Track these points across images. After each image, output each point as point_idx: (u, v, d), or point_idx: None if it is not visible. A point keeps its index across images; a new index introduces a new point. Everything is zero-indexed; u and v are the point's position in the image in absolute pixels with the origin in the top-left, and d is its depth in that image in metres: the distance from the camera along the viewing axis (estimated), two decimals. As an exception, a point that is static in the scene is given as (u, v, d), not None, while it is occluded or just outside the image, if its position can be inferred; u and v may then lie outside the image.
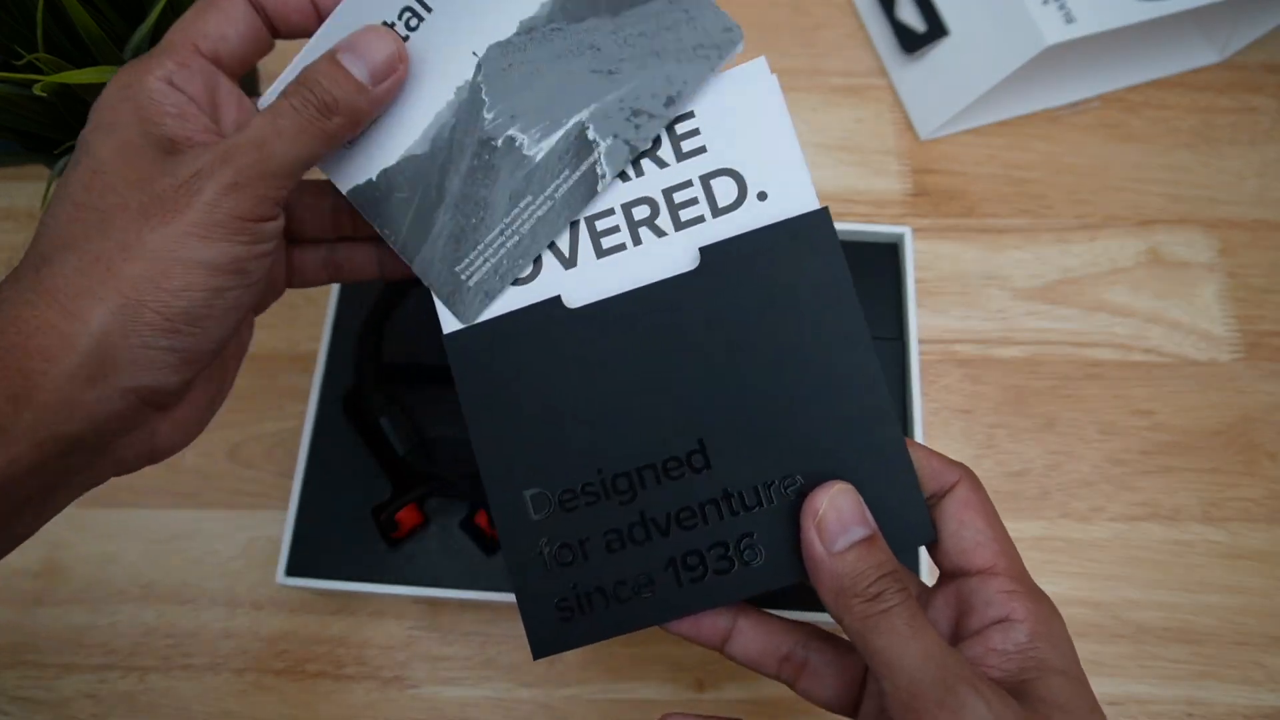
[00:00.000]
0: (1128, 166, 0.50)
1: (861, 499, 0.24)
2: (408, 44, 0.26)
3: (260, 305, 0.30)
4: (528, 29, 0.26)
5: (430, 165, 0.27)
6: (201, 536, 0.43)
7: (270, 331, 0.47)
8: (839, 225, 0.44)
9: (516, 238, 0.27)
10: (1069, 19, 0.45)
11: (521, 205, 0.27)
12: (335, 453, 0.41)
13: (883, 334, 0.43)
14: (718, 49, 0.26)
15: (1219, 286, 0.47)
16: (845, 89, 0.52)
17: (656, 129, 0.26)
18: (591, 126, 0.27)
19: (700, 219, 0.27)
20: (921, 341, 0.46)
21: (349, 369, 0.42)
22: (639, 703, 0.41)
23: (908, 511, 0.25)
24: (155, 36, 0.38)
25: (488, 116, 0.27)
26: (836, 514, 0.24)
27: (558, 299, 0.27)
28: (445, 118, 0.27)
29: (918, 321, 0.45)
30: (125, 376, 0.23)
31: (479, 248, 0.27)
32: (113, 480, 0.44)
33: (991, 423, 0.45)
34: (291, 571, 0.39)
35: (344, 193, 0.28)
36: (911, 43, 0.50)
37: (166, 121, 0.24)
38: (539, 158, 0.27)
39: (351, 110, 0.25)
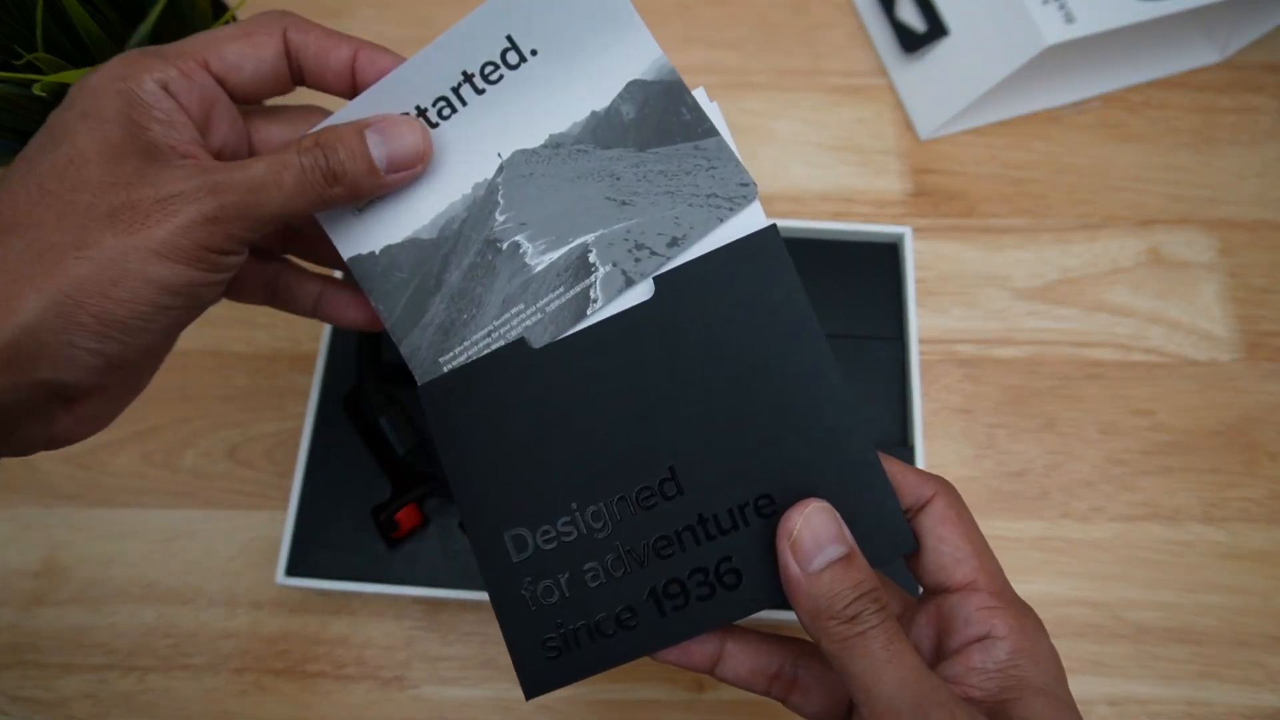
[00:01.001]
0: (1128, 166, 0.50)
1: (838, 516, 0.24)
2: (437, 131, 0.27)
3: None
4: (555, 144, 0.27)
5: (434, 253, 0.27)
6: (201, 536, 0.43)
7: (270, 331, 0.47)
8: (839, 225, 0.44)
9: (501, 342, 0.27)
10: (1069, 19, 0.45)
11: (513, 311, 0.27)
12: (335, 453, 0.41)
13: (883, 334, 0.43)
14: (730, 201, 0.26)
15: (1219, 286, 0.47)
16: (845, 89, 0.52)
17: (656, 266, 0.27)
18: (595, 250, 0.27)
19: None
20: (921, 341, 0.46)
21: (349, 369, 0.42)
22: (638, 703, 0.41)
23: (886, 523, 0.25)
24: (155, 36, 0.38)
25: (499, 218, 0.27)
26: (812, 533, 0.23)
27: (522, 340, 0.27)
28: (458, 210, 0.27)
29: (918, 321, 0.45)
30: (42, 369, 0.22)
31: (464, 343, 0.27)
32: (113, 480, 0.44)
33: (991, 423, 0.45)
34: (291, 571, 0.39)
35: (345, 259, 0.28)
36: (911, 43, 0.50)
37: (153, 127, 0.24)
38: (539, 269, 0.27)
39: (354, 187, 0.25)
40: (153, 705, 0.41)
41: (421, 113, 0.26)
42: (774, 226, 0.26)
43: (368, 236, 0.27)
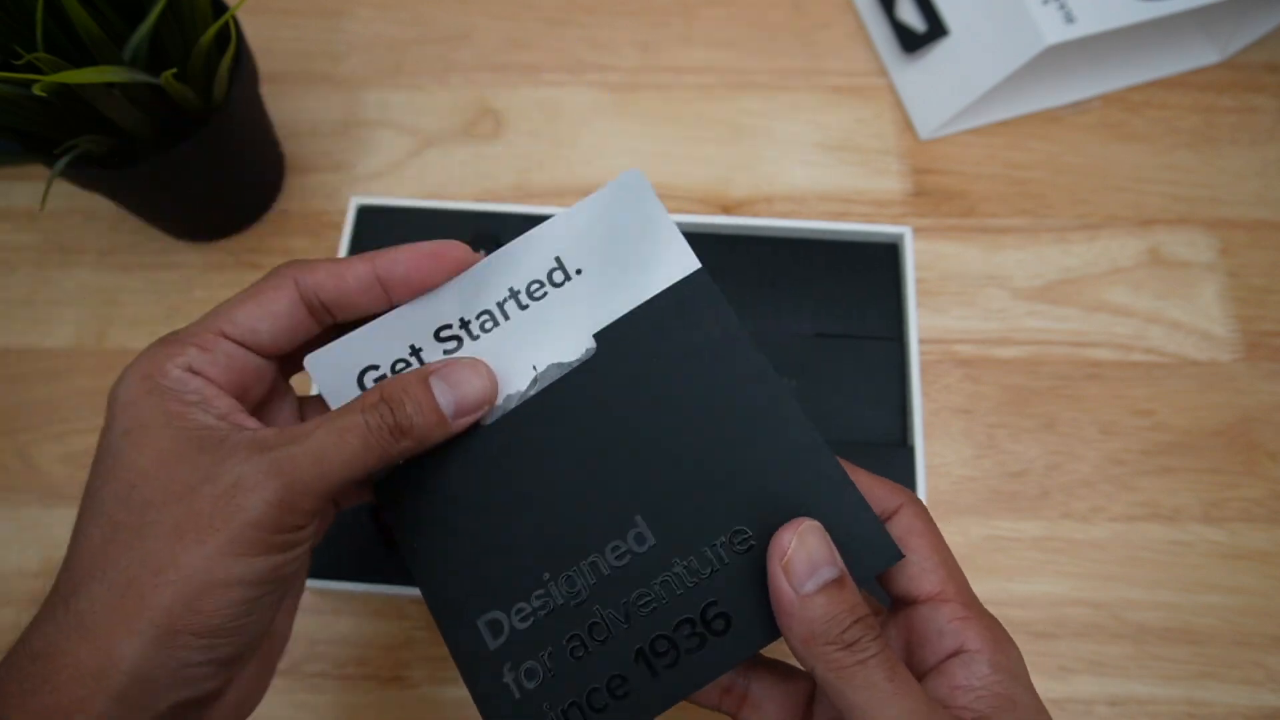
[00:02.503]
0: (1128, 166, 0.50)
1: (829, 537, 0.23)
2: (477, 344, 0.27)
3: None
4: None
5: None
6: (201, 536, 0.43)
7: (270, 331, 0.47)
8: (839, 225, 0.44)
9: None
10: (1069, 19, 0.45)
11: None
12: (335, 453, 0.41)
13: (883, 334, 0.43)
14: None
15: (1219, 286, 0.47)
16: (845, 89, 0.52)
17: None
18: None
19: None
20: (921, 341, 0.46)
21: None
22: None
23: (866, 536, 0.24)
24: (155, 37, 0.38)
25: None
26: (806, 554, 0.22)
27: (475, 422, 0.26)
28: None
29: (918, 321, 0.45)
30: (165, 697, 0.22)
31: None
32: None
33: (991, 423, 0.45)
34: (291, 571, 0.39)
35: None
36: (911, 43, 0.50)
37: (191, 412, 0.23)
38: None
39: (423, 439, 0.24)
40: (153, 705, 0.41)
41: (465, 324, 0.27)
42: (702, 269, 0.26)
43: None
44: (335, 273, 0.25)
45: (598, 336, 0.26)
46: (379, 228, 0.45)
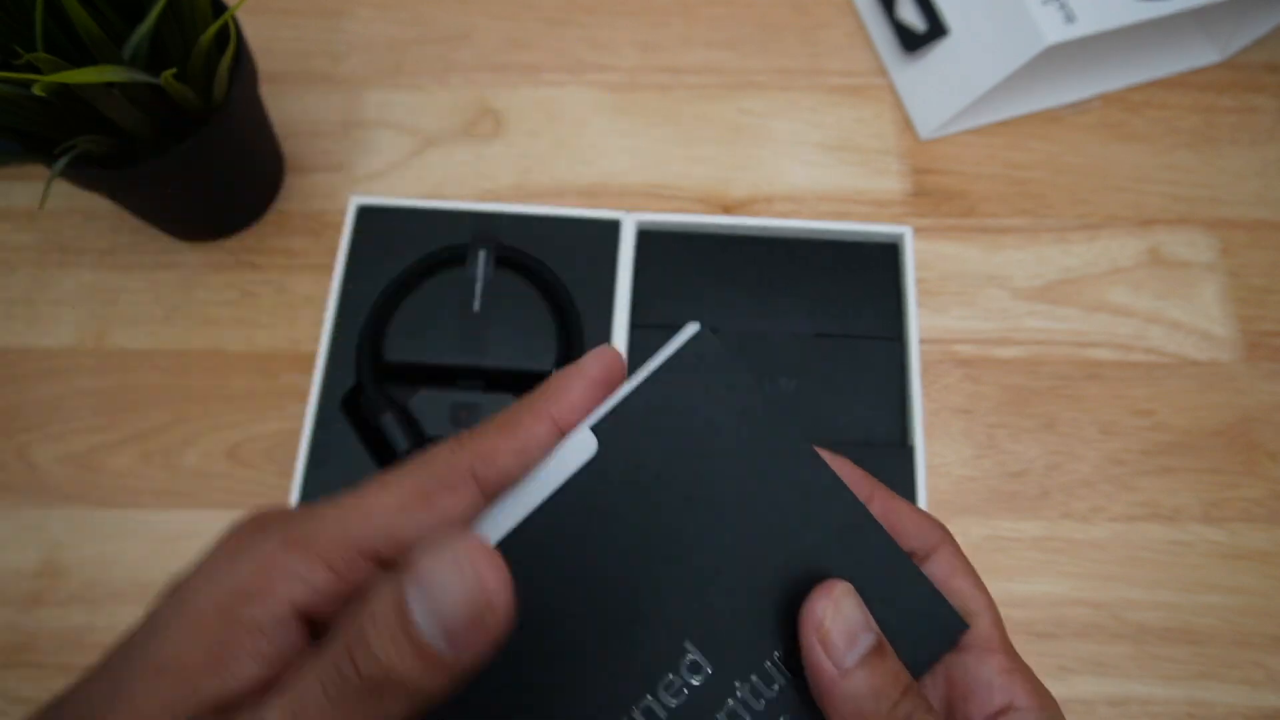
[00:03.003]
0: (1128, 166, 0.50)
1: (860, 598, 0.20)
2: None
3: None
4: None
5: None
6: (201, 536, 0.43)
7: (270, 331, 0.47)
8: (839, 225, 0.44)
9: None
10: (1069, 18, 0.45)
11: None
12: (335, 453, 0.41)
13: (883, 334, 0.43)
14: None
15: (1219, 286, 0.47)
16: (845, 89, 0.52)
17: None
18: None
19: None
20: (921, 341, 0.46)
21: (349, 369, 0.42)
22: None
23: (928, 611, 0.22)
24: (155, 37, 0.38)
25: None
26: (844, 622, 0.20)
27: None
28: None
29: (918, 322, 0.45)
30: None
31: None
32: (112, 480, 0.44)
33: (991, 423, 0.45)
34: (291, 572, 0.39)
35: None
36: (911, 42, 0.50)
37: (230, 670, 0.16)
38: None
39: (414, 689, 0.16)
40: (152, 705, 0.41)
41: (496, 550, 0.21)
42: (704, 329, 0.22)
43: None
44: (520, 450, 0.20)
45: (597, 430, 0.22)
46: (379, 228, 0.45)
